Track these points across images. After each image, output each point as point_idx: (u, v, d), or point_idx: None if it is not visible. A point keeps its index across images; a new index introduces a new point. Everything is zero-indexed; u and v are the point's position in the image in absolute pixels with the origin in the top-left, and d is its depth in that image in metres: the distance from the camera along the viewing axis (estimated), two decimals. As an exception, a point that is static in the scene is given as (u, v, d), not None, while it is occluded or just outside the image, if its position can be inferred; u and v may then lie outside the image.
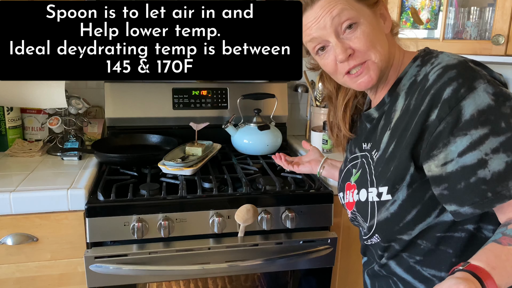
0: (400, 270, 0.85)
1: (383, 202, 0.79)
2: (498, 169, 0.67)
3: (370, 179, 0.82)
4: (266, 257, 1.23)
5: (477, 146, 0.67)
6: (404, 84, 0.80)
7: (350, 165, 0.93)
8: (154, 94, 1.67)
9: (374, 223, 0.83)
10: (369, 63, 0.78)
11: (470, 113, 0.68)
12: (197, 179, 1.32)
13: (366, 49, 0.77)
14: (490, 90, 0.69)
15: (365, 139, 0.89)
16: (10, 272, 1.19)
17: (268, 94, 1.67)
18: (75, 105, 1.57)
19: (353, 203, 0.88)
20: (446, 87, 0.70)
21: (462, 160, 0.68)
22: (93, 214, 1.17)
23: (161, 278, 1.24)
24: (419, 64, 0.80)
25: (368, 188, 0.82)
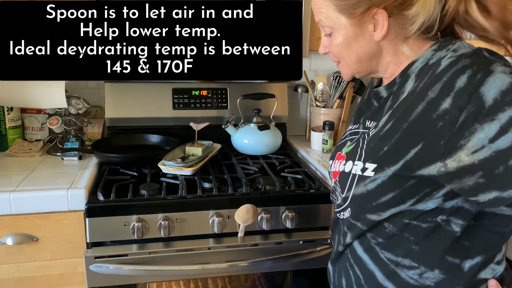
0: (360, 249, 0.85)
1: (364, 177, 0.79)
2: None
3: (359, 152, 0.83)
4: (266, 257, 1.23)
5: (507, 128, 0.65)
6: (416, 67, 0.79)
7: (348, 138, 0.94)
8: (154, 94, 1.68)
9: (349, 196, 0.83)
10: (342, 64, 0.88)
11: (492, 97, 0.65)
12: (197, 179, 1.32)
13: (336, 55, 0.86)
14: (508, 71, 0.67)
15: (370, 117, 0.88)
16: (10, 272, 1.19)
17: (268, 94, 1.67)
18: (75, 105, 1.57)
19: (337, 173, 0.89)
20: (459, 75, 0.68)
21: (495, 146, 0.65)
22: (93, 214, 1.17)
23: (161, 278, 1.24)
24: (435, 48, 0.78)
25: (354, 161, 0.82)
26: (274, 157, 1.59)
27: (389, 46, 0.81)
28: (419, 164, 0.72)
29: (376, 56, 0.82)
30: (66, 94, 1.50)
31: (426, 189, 0.74)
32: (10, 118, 1.58)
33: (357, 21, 0.78)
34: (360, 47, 0.81)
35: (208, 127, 1.51)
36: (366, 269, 0.84)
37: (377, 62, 0.84)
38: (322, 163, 1.50)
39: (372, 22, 0.78)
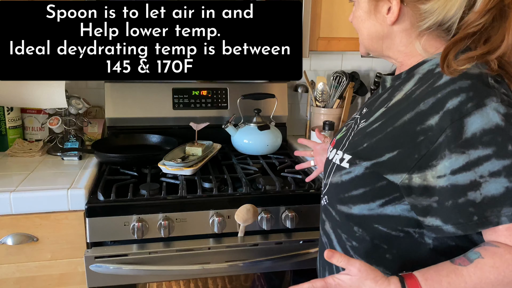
0: (339, 249, 0.86)
1: (341, 167, 0.80)
2: (493, 193, 0.64)
3: (344, 143, 0.84)
4: (266, 257, 1.23)
5: (472, 167, 0.65)
6: (423, 68, 0.77)
7: (346, 124, 0.95)
8: (154, 94, 1.68)
9: (328, 183, 0.85)
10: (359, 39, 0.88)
11: (472, 131, 0.65)
12: (197, 179, 1.32)
13: (354, 26, 0.87)
14: (502, 110, 0.65)
15: (368, 104, 0.89)
16: (10, 272, 1.19)
17: (268, 94, 1.67)
18: (75, 105, 1.57)
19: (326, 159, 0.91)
20: (453, 96, 0.67)
21: (454, 178, 0.66)
22: (93, 214, 1.17)
23: (161, 278, 1.24)
24: None
25: (338, 150, 0.84)
26: (274, 157, 1.59)
27: (402, 35, 0.80)
28: (389, 169, 0.72)
29: (387, 40, 0.81)
30: (66, 94, 1.50)
31: (395, 193, 0.74)
32: (10, 118, 1.58)
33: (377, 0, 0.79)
34: (372, 25, 0.81)
35: (208, 127, 1.51)
36: None
37: (389, 47, 0.83)
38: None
39: (388, 4, 0.77)
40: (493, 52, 0.70)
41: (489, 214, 0.64)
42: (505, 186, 0.64)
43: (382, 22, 0.80)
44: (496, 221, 0.64)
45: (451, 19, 0.73)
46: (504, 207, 0.64)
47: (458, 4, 0.71)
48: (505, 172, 0.64)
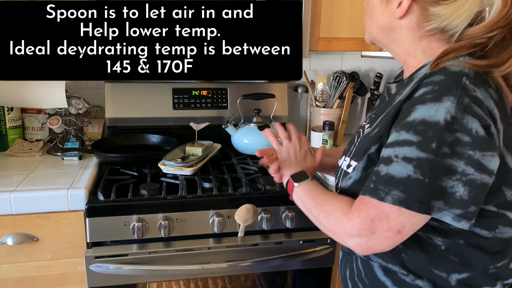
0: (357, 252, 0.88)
1: (346, 173, 0.84)
2: (394, 174, 0.69)
3: (351, 149, 0.86)
4: (266, 257, 1.23)
5: (396, 145, 0.70)
6: (421, 73, 0.79)
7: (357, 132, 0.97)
8: (154, 94, 1.68)
9: (338, 187, 0.88)
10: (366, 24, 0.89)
11: (414, 117, 0.69)
12: (197, 179, 1.32)
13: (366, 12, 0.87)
14: (453, 112, 0.65)
15: (375, 111, 0.90)
16: (10, 272, 1.20)
17: (268, 94, 1.67)
18: (75, 105, 1.57)
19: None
20: (422, 87, 0.71)
21: (383, 151, 0.73)
22: (93, 214, 1.17)
23: (161, 278, 1.24)
24: None
25: (345, 157, 0.87)
26: (274, 157, 1.59)
27: (408, 31, 0.80)
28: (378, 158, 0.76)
29: (393, 33, 0.82)
30: (66, 94, 1.50)
31: None
32: (10, 118, 1.58)
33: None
34: (381, 15, 0.82)
35: (208, 127, 1.51)
36: (367, 264, 0.86)
37: (395, 40, 0.84)
38: (322, 163, 1.50)
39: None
40: (497, 67, 0.71)
41: (381, 188, 0.70)
42: (408, 174, 0.67)
43: (391, 14, 0.81)
44: (381, 197, 0.70)
45: (455, 28, 0.75)
46: (395, 189, 0.68)
47: (465, 15, 0.73)
48: (416, 162, 0.67)
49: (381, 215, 0.70)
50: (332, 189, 1.33)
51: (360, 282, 0.87)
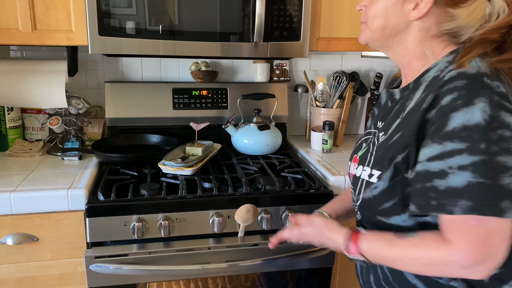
0: None
1: (370, 183, 0.82)
2: (455, 185, 0.68)
3: (369, 158, 0.85)
4: (266, 257, 1.23)
5: (445, 157, 0.69)
6: (429, 76, 0.80)
7: (363, 139, 0.96)
8: (154, 94, 1.68)
9: (360, 198, 0.87)
10: (365, 26, 0.87)
11: (454, 125, 0.68)
12: (197, 179, 1.32)
13: (369, 14, 0.85)
14: (488, 111, 0.67)
15: (382, 118, 0.90)
16: (10, 272, 1.20)
17: (268, 94, 1.67)
18: (75, 105, 1.57)
19: (352, 175, 0.93)
20: (447, 94, 0.71)
21: (428, 165, 0.71)
22: (93, 214, 1.17)
23: (161, 278, 1.24)
24: (451, 60, 0.78)
25: (364, 166, 0.86)
26: (274, 157, 1.59)
27: (417, 33, 0.81)
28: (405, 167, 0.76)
29: (400, 35, 0.82)
30: (66, 94, 1.50)
31: None
32: (10, 118, 1.58)
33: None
34: (393, 15, 0.81)
35: (208, 127, 1.51)
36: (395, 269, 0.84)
37: (400, 42, 0.84)
38: (322, 163, 1.50)
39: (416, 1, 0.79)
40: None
41: (446, 202, 0.69)
42: (468, 181, 0.67)
43: (403, 16, 0.80)
44: (449, 210, 0.68)
45: (470, 29, 0.77)
46: (461, 199, 0.67)
47: (479, 17, 0.76)
48: (472, 167, 0.67)
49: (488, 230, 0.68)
50: (332, 189, 1.33)
51: (388, 286, 0.86)
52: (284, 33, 1.41)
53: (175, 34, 1.34)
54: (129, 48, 1.33)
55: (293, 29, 1.42)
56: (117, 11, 1.30)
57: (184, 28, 1.34)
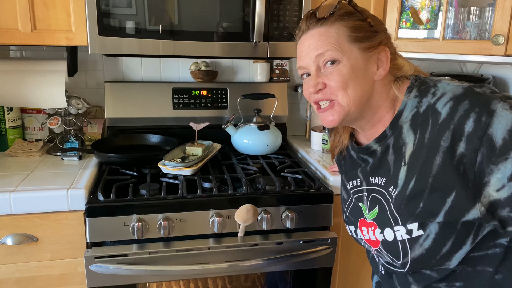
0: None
1: (415, 238, 0.78)
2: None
3: (392, 217, 0.81)
4: (266, 257, 1.23)
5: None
6: (406, 117, 0.80)
7: (354, 197, 0.92)
8: (154, 94, 1.68)
9: (408, 260, 0.81)
10: (335, 104, 0.82)
11: (501, 137, 0.68)
12: (197, 179, 1.32)
13: (336, 88, 0.80)
14: (507, 107, 0.69)
15: (373, 173, 0.87)
16: (10, 272, 1.19)
17: (268, 94, 1.67)
18: (75, 105, 1.57)
19: (377, 242, 0.87)
20: (465, 120, 0.71)
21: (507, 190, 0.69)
22: (93, 214, 1.17)
23: (161, 278, 1.24)
24: (417, 94, 0.80)
25: (393, 227, 0.81)
26: (274, 157, 1.59)
27: (382, 89, 0.83)
28: (460, 211, 0.73)
29: (370, 98, 0.83)
30: (66, 94, 1.50)
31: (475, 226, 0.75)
32: (10, 118, 1.58)
33: (365, 55, 0.80)
34: (365, 82, 0.81)
35: (208, 127, 1.51)
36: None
37: (370, 105, 0.84)
38: (322, 163, 1.50)
39: (376, 60, 0.81)
40: None
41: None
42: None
43: (369, 79, 0.81)
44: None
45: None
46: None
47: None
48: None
49: None
50: (332, 189, 1.33)
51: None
52: (284, 33, 1.41)
53: (175, 34, 1.34)
54: (129, 48, 1.33)
55: (293, 29, 1.41)
56: (117, 11, 1.30)
57: (184, 28, 1.34)
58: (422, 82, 0.81)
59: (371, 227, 0.86)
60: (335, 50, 0.78)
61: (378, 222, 0.84)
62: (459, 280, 0.80)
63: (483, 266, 0.77)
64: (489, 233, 0.76)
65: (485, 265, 0.77)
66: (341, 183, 1.02)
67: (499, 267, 0.77)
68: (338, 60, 0.79)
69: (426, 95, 0.78)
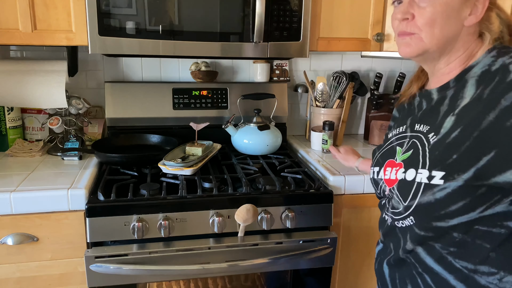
0: (430, 260, 0.84)
1: (432, 185, 0.77)
2: None
3: (422, 160, 0.80)
4: (266, 257, 1.23)
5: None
6: (475, 72, 0.79)
7: (396, 143, 0.92)
8: (154, 94, 1.68)
9: (413, 204, 0.81)
10: (416, 37, 0.81)
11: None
12: (197, 179, 1.32)
13: (423, 24, 0.79)
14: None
15: (420, 120, 0.87)
16: (11, 272, 1.20)
17: (268, 94, 1.67)
18: (75, 105, 1.57)
19: (395, 181, 0.87)
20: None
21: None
22: (94, 214, 1.17)
23: (161, 278, 1.24)
24: (495, 55, 0.78)
25: (418, 169, 0.80)
26: (274, 157, 1.59)
27: (467, 37, 0.81)
28: (493, 171, 0.72)
29: (453, 42, 0.81)
30: (66, 94, 1.50)
31: (496, 196, 0.74)
32: (10, 118, 1.58)
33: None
34: (454, 23, 0.79)
35: (208, 127, 1.51)
36: (439, 278, 0.83)
37: (450, 49, 0.82)
38: (322, 163, 1.50)
39: (471, 5, 0.79)
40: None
41: None
42: None
43: (459, 22, 0.80)
44: None
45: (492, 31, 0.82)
46: None
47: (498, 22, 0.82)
48: None
49: None
50: (332, 188, 1.33)
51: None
52: (284, 33, 1.41)
53: (175, 34, 1.34)
54: (129, 48, 1.33)
55: (293, 29, 1.42)
56: (117, 11, 1.30)
57: (184, 28, 1.35)
58: (505, 47, 0.80)
59: (397, 167, 0.86)
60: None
61: (406, 163, 0.84)
62: (455, 246, 0.80)
63: (483, 241, 0.78)
64: (501, 213, 0.75)
65: (484, 241, 0.77)
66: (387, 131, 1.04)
67: (497, 247, 0.77)
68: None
69: (503, 56, 0.77)
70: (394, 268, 0.93)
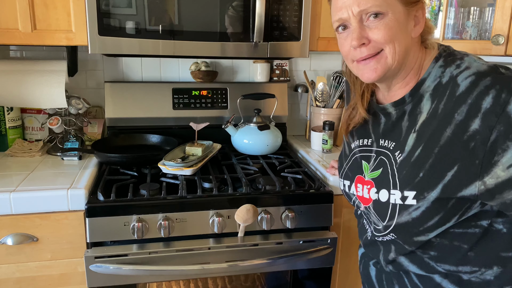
0: (414, 267, 0.86)
1: (407, 206, 0.79)
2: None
3: (393, 181, 0.81)
4: (266, 257, 1.23)
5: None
6: (428, 86, 0.80)
7: (359, 155, 0.92)
8: (154, 94, 1.68)
9: (392, 224, 0.83)
10: (382, 56, 0.79)
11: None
12: (197, 179, 1.32)
13: (383, 42, 0.78)
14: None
15: (384, 135, 0.88)
16: (10, 272, 1.19)
17: (268, 94, 1.67)
18: (75, 105, 1.57)
19: (369, 200, 0.87)
20: (484, 97, 0.70)
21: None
22: (93, 214, 1.17)
23: (161, 278, 1.24)
24: (442, 64, 0.79)
25: (390, 190, 0.81)
26: (274, 157, 1.59)
27: (415, 48, 0.82)
28: (458, 185, 0.73)
29: (408, 55, 0.82)
30: (66, 94, 1.50)
31: (466, 204, 0.76)
32: (10, 118, 1.58)
33: (407, 10, 0.78)
34: (406, 37, 0.79)
35: (208, 127, 1.51)
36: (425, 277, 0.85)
37: (406, 64, 0.82)
38: (322, 163, 1.50)
39: (413, 17, 0.80)
40: None
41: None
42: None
43: (409, 35, 0.80)
44: None
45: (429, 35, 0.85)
46: None
47: None
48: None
49: None
50: (332, 189, 1.33)
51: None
52: (284, 33, 1.41)
53: (175, 34, 1.34)
54: (129, 48, 1.33)
55: (293, 29, 1.42)
56: (117, 11, 1.30)
57: (184, 28, 1.34)
58: (450, 54, 0.80)
59: (368, 185, 0.87)
60: (381, 2, 0.76)
61: (377, 183, 0.85)
62: (434, 250, 0.82)
63: (460, 242, 0.79)
64: (473, 215, 0.77)
65: (462, 242, 0.79)
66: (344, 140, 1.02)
67: (474, 246, 0.79)
68: (383, 13, 0.76)
69: (450, 66, 0.77)
70: (380, 268, 0.95)
